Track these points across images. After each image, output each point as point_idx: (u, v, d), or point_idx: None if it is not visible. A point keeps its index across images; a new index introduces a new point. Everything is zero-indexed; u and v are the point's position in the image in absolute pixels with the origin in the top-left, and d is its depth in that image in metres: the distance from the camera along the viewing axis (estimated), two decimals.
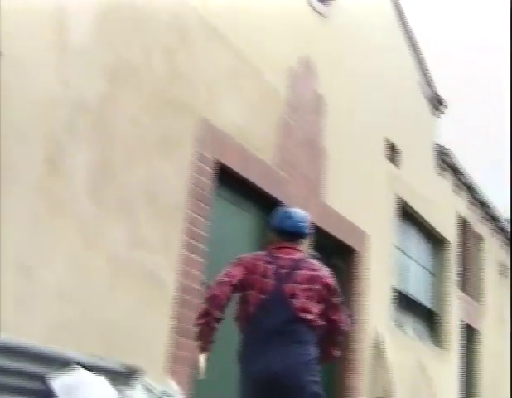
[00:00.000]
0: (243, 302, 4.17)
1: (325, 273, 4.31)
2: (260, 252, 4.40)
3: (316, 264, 4.35)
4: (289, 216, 4.44)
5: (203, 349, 4.10)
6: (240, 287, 4.14)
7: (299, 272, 4.21)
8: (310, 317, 4.16)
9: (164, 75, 5.39)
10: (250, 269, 4.17)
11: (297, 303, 4.14)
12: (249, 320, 4.14)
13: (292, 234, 4.37)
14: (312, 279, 4.22)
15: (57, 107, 4.43)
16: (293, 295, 4.15)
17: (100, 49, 4.81)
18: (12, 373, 3.76)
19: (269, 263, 4.21)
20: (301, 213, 4.50)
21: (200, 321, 4.03)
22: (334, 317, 4.28)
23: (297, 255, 4.31)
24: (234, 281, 4.11)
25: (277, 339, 4.07)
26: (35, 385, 3.90)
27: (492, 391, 13.19)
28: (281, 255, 4.26)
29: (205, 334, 4.05)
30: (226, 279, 4.10)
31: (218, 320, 4.04)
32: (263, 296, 4.12)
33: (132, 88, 5.07)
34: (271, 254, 4.29)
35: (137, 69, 5.13)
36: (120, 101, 4.95)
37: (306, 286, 4.19)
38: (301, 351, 4.10)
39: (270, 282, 4.15)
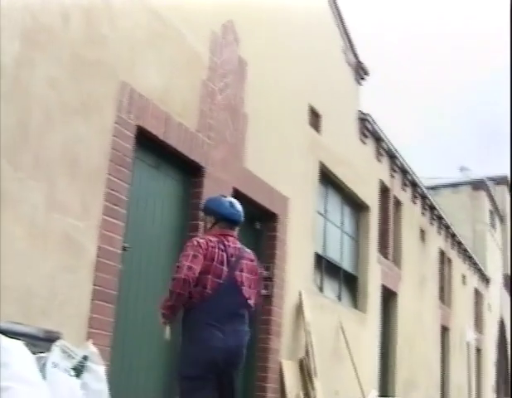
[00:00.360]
0: (198, 284, 4.50)
1: (258, 263, 4.92)
2: (211, 238, 4.68)
3: (252, 254, 4.90)
4: (233, 206, 4.87)
5: (170, 322, 4.60)
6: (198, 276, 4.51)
7: (243, 261, 4.76)
8: (251, 303, 4.78)
9: (83, 37, 5.31)
10: (208, 257, 4.54)
11: (245, 290, 4.70)
12: (205, 300, 4.51)
13: (235, 222, 4.85)
14: (253, 269, 4.82)
15: None
16: (242, 283, 4.69)
17: (15, 12, 4.70)
18: None
19: (222, 250, 4.64)
20: (238, 203, 4.94)
21: (168, 311, 4.51)
22: (254, 300, 4.83)
23: (238, 244, 4.81)
24: (195, 277, 4.47)
25: (234, 320, 4.60)
26: None
27: (409, 350, 13.62)
28: (229, 244, 4.72)
29: (171, 317, 4.56)
30: (189, 279, 4.43)
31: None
32: (219, 281, 4.56)
33: (49, 51, 4.98)
34: (221, 241, 4.69)
35: (55, 32, 5.04)
36: (37, 64, 4.86)
37: (249, 275, 4.76)
38: (247, 333, 4.72)
39: (224, 269, 4.60)
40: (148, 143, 6.10)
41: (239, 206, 4.90)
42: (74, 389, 4.29)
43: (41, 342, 4.38)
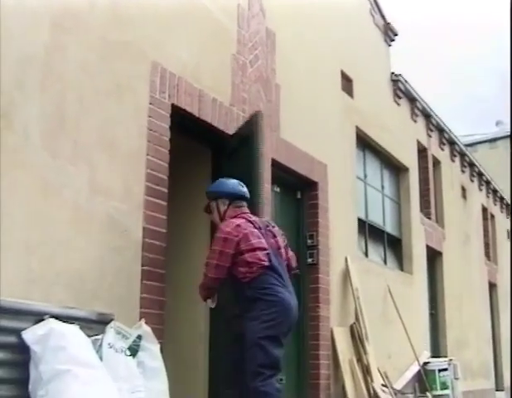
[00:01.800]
0: (247, 264, 4.86)
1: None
2: (236, 221, 5.03)
3: (269, 220, 5.42)
4: (242, 185, 5.30)
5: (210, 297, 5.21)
6: (234, 257, 4.89)
7: (270, 229, 5.17)
8: (292, 264, 5.27)
9: (111, 20, 5.31)
10: (244, 240, 4.89)
11: (283, 252, 5.14)
12: (265, 270, 4.84)
13: (247, 198, 5.31)
14: (280, 233, 5.23)
15: (3, 60, 4.36)
16: (279, 247, 5.10)
17: None
18: None
19: (252, 227, 5.00)
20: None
21: (205, 292, 5.13)
22: (290, 256, 5.28)
23: (256, 217, 5.25)
24: (224, 273, 4.92)
25: (287, 283, 4.97)
26: (10, 339, 3.93)
27: (457, 309, 13.54)
28: (252, 219, 5.12)
29: (210, 296, 5.17)
30: (219, 277, 4.96)
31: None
32: (267, 251, 4.92)
33: (79, 36, 4.98)
34: (246, 219, 5.07)
35: (83, 16, 5.04)
36: (68, 50, 4.88)
37: (280, 239, 5.17)
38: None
39: (263, 240, 4.96)
40: (183, 121, 6.10)
41: (244, 185, 5.34)
42: (132, 368, 4.35)
43: (94, 324, 4.45)
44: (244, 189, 5.29)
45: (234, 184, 5.29)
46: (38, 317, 4.04)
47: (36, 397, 3.83)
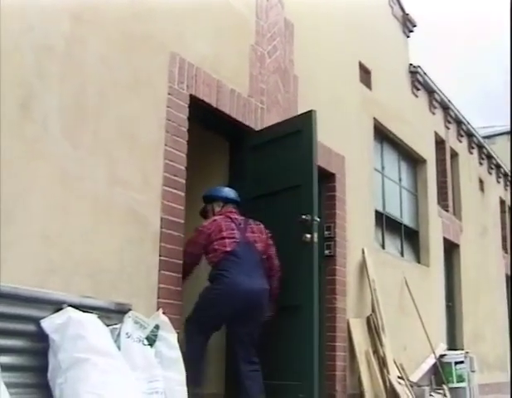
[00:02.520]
0: (216, 250, 5.58)
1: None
2: (216, 217, 5.82)
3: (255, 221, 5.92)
4: (231, 190, 6.09)
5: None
6: (206, 247, 5.65)
7: (251, 225, 5.83)
8: (265, 257, 5.83)
9: (129, 12, 5.33)
10: (215, 230, 5.64)
11: (259, 247, 5.73)
12: (227, 256, 5.52)
13: (235, 202, 6.04)
14: (261, 230, 5.87)
15: (23, 51, 4.39)
16: (255, 241, 5.72)
17: None
18: (5, 317, 3.81)
19: (229, 221, 5.73)
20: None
21: (182, 274, 5.62)
22: (272, 253, 5.91)
23: (241, 216, 5.89)
24: (194, 258, 5.75)
25: (255, 273, 5.57)
26: (29, 328, 3.97)
27: (474, 302, 13.50)
28: (235, 217, 5.83)
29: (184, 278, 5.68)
30: (190, 262, 5.72)
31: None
32: (235, 240, 5.61)
33: (98, 28, 5.00)
34: (227, 216, 5.80)
35: (102, 8, 5.06)
36: (87, 42, 4.90)
37: (259, 235, 5.82)
38: (266, 282, 5.66)
39: (236, 232, 5.67)
40: (202, 112, 6.12)
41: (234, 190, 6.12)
42: (149, 357, 4.38)
43: (113, 314, 4.48)
44: (235, 194, 6.06)
45: (228, 190, 6.08)
46: (57, 306, 4.08)
47: (55, 385, 3.87)
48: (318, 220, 6.00)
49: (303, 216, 5.93)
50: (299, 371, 5.78)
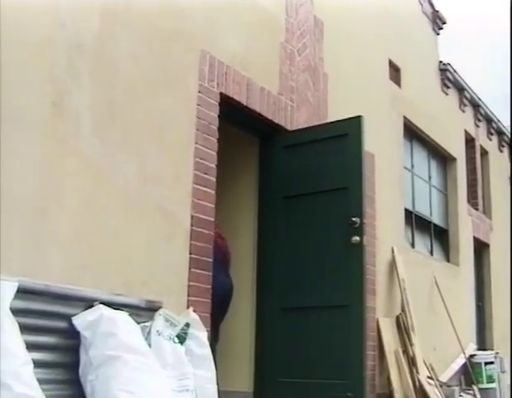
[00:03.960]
0: None
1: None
2: None
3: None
4: None
5: None
6: None
7: None
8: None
9: (160, 9, 5.33)
10: None
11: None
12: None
13: None
14: None
15: (55, 49, 4.40)
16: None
17: None
18: (37, 314, 3.82)
19: None
20: None
21: None
22: None
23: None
24: None
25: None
26: (61, 324, 3.98)
27: (504, 302, 13.34)
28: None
29: None
30: None
31: None
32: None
33: (128, 25, 5.01)
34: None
35: (132, 5, 5.06)
36: (118, 39, 4.91)
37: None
38: None
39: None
40: (232, 110, 6.10)
41: None
42: (180, 355, 4.38)
43: (143, 311, 4.48)
44: None
45: None
46: (88, 303, 4.08)
47: (87, 381, 3.87)
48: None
49: (353, 219, 5.92)
50: (346, 370, 5.82)
